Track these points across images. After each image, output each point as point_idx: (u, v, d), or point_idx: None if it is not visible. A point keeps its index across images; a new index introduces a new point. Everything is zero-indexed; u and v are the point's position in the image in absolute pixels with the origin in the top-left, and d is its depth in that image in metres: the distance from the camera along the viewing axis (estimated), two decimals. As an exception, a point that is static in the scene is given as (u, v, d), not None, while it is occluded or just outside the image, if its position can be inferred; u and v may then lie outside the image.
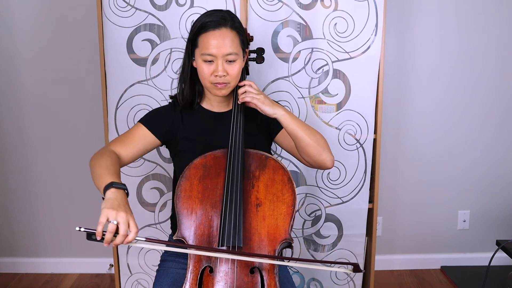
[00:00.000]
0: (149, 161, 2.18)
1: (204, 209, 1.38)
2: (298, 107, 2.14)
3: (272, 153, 1.84)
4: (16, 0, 2.48)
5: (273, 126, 1.58)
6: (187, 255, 1.37)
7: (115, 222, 1.17)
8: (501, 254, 2.10)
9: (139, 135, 1.52)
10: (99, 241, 1.18)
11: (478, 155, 2.70)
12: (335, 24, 2.07)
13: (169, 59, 2.08)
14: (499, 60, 2.60)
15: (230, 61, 1.44)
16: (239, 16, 2.04)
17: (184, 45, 1.57)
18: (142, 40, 2.07)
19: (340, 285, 2.33)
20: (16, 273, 2.75)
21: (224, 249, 1.33)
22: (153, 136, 1.53)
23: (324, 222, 2.25)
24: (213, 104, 1.58)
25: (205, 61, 1.44)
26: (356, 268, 1.33)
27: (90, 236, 1.19)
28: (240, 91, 1.45)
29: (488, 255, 1.96)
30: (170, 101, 1.62)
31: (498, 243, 2.19)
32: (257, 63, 1.64)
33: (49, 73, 2.56)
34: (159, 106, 2.08)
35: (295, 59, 2.11)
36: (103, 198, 1.25)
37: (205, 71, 1.44)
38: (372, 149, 2.17)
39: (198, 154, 1.44)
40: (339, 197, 2.22)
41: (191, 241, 1.36)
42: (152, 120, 1.55)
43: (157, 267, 1.62)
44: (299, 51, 2.10)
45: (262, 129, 1.60)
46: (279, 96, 2.12)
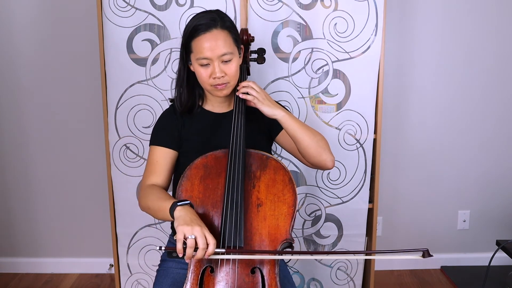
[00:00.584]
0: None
1: (205, 209, 1.38)
2: (298, 107, 2.14)
3: (273, 153, 1.84)
4: (16, 0, 2.48)
5: (273, 126, 1.58)
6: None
7: (193, 237, 1.20)
8: (501, 254, 2.10)
9: (160, 157, 1.51)
10: (181, 258, 1.21)
11: (478, 155, 2.70)
12: (335, 24, 2.07)
13: (169, 59, 2.08)
14: (498, 59, 2.60)
15: (226, 61, 1.43)
16: (239, 16, 2.04)
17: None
18: (142, 40, 2.07)
19: (340, 285, 2.33)
20: (16, 273, 2.75)
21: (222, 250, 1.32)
22: (170, 150, 1.52)
23: (324, 222, 2.25)
24: (214, 105, 1.58)
25: (201, 65, 1.43)
26: (426, 253, 1.28)
27: (171, 254, 1.22)
28: (242, 84, 1.46)
29: (488, 255, 1.96)
30: (170, 103, 1.62)
31: (498, 243, 2.19)
32: (258, 63, 1.64)
33: (49, 73, 2.56)
34: (159, 105, 2.10)
35: (295, 59, 2.11)
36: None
37: (203, 75, 1.44)
38: (372, 149, 2.18)
39: (199, 154, 1.44)
40: (339, 197, 2.23)
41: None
42: (161, 136, 1.54)
43: (157, 267, 1.62)
44: (299, 51, 2.10)
45: (263, 129, 1.60)
46: (279, 96, 2.12)
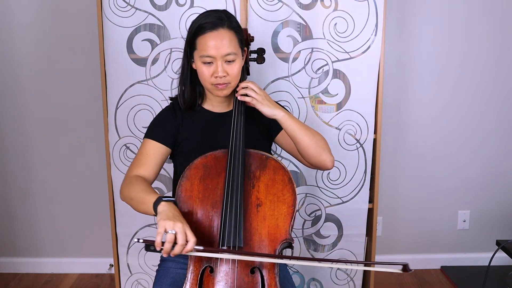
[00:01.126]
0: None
1: (205, 209, 1.38)
2: (298, 107, 2.14)
3: (272, 153, 1.84)
4: (16, 0, 2.48)
5: (273, 126, 1.58)
6: (187, 255, 1.37)
7: (173, 232, 1.20)
8: (501, 254, 2.10)
9: (152, 151, 1.51)
10: (158, 251, 1.21)
11: (478, 155, 2.70)
12: (335, 24, 2.07)
13: (169, 59, 2.08)
14: (498, 59, 2.60)
15: (230, 61, 1.43)
16: (239, 16, 2.04)
17: (184, 45, 1.57)
18: (142, 40, 2.07)
19: (340, 285, 2.33)
20: (16, 273, 2.75)
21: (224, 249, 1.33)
22: (163, 146, 1.52)
23: (324, 222, 2.25)
24: (214, 104, 1.58)
25: (204, 63, 1.43)
26: (405, 268, 1.25)
27: (149, 247, 1.22)
28: (242, 85, 1.46)
29: (488, 255, 1.96)
30: (170, 102, 1.62)
31: (498, 243, 2.19)
32: (257, 63, 1.64)
33: (49, 73, 2.56)
34: (159, 105, 2.10)
35: (295, 59, 2.11)
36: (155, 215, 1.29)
37: (205, 73, 1.44)
38: (372, 149, 2.17)
39: (198, 154, 1.44)
40: (339, 197, 2.22)
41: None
42: (157, 131, 1.53)
43: (157, 267, 1.62)
44: (299, 51, 2.10)
45: (263, 129, 1.60)
46: (279, 96, 2.12)
